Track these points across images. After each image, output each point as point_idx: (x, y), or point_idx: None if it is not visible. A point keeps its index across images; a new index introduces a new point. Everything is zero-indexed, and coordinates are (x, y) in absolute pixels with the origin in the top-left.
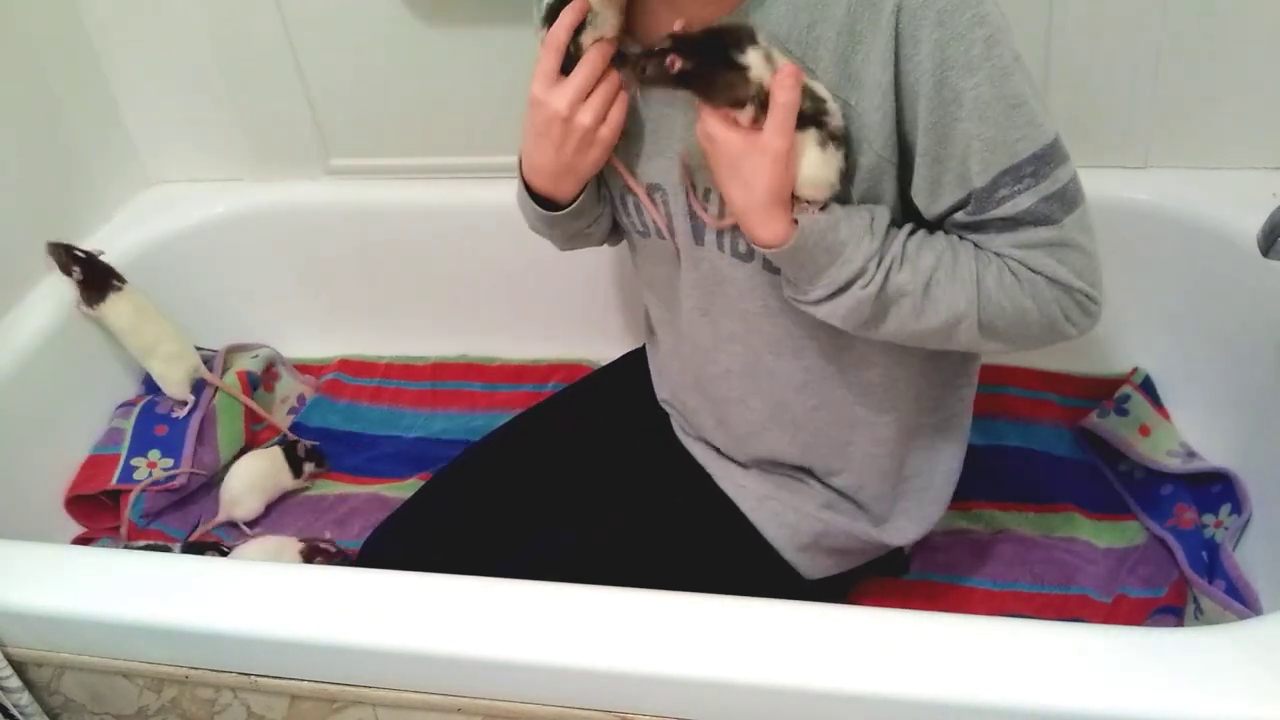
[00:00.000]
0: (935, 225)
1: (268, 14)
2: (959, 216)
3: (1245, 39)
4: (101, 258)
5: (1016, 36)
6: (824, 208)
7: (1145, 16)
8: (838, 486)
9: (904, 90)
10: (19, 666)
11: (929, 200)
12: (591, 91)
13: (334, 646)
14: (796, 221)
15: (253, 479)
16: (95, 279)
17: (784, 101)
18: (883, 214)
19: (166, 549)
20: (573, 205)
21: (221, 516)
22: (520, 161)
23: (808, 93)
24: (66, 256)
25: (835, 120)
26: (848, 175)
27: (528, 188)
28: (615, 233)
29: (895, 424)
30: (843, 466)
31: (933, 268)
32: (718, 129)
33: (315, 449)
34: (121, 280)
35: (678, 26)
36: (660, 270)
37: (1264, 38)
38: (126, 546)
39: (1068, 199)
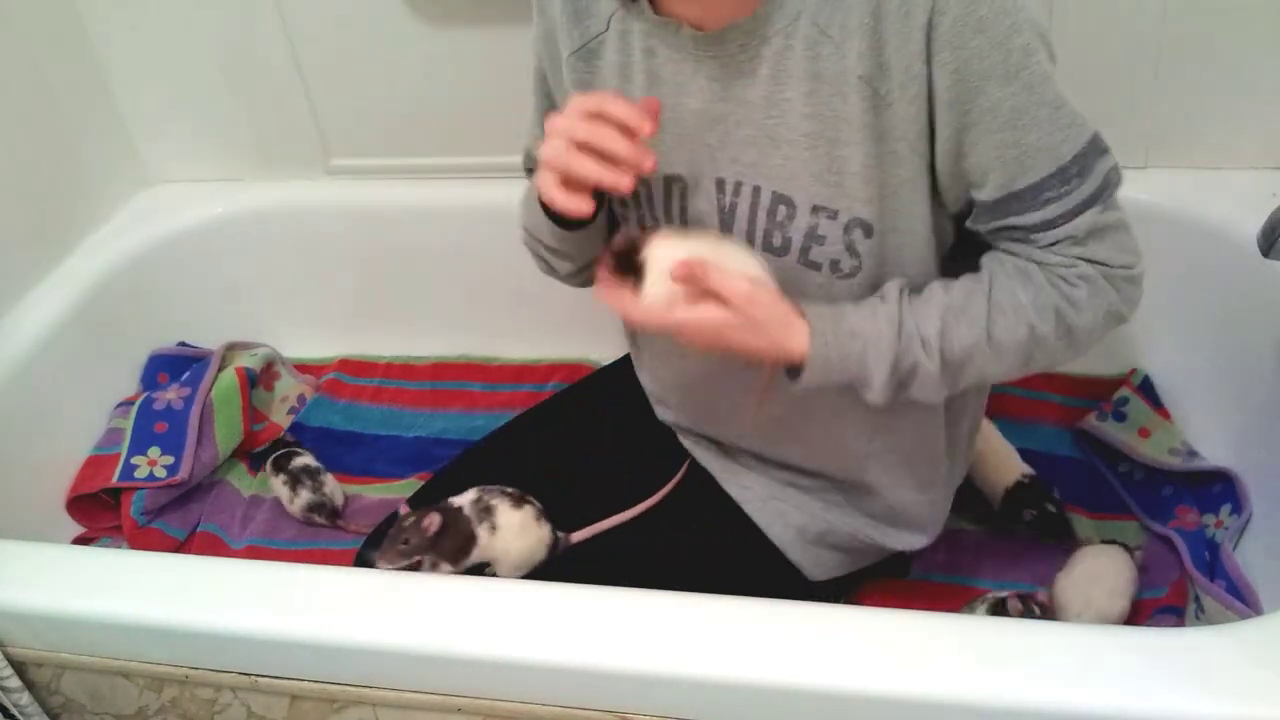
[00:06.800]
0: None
1: (268, 14)
2: (998, 223)
3: (1244, 39)
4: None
5: None
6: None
7: (1145, 16)
8: (844, 489)
9: (936, 91)
10: (19, 666)
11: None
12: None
13: (334, 646)
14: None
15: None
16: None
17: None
18: (891, 284)
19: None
20: (592, 222)
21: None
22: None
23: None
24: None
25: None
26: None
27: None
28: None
29: (913, 430)
30: (852, 472)
31: (986, 310)
32: (687, 318)
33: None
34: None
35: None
36: None
37: (1263, 38)
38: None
39: (1109, 187)
